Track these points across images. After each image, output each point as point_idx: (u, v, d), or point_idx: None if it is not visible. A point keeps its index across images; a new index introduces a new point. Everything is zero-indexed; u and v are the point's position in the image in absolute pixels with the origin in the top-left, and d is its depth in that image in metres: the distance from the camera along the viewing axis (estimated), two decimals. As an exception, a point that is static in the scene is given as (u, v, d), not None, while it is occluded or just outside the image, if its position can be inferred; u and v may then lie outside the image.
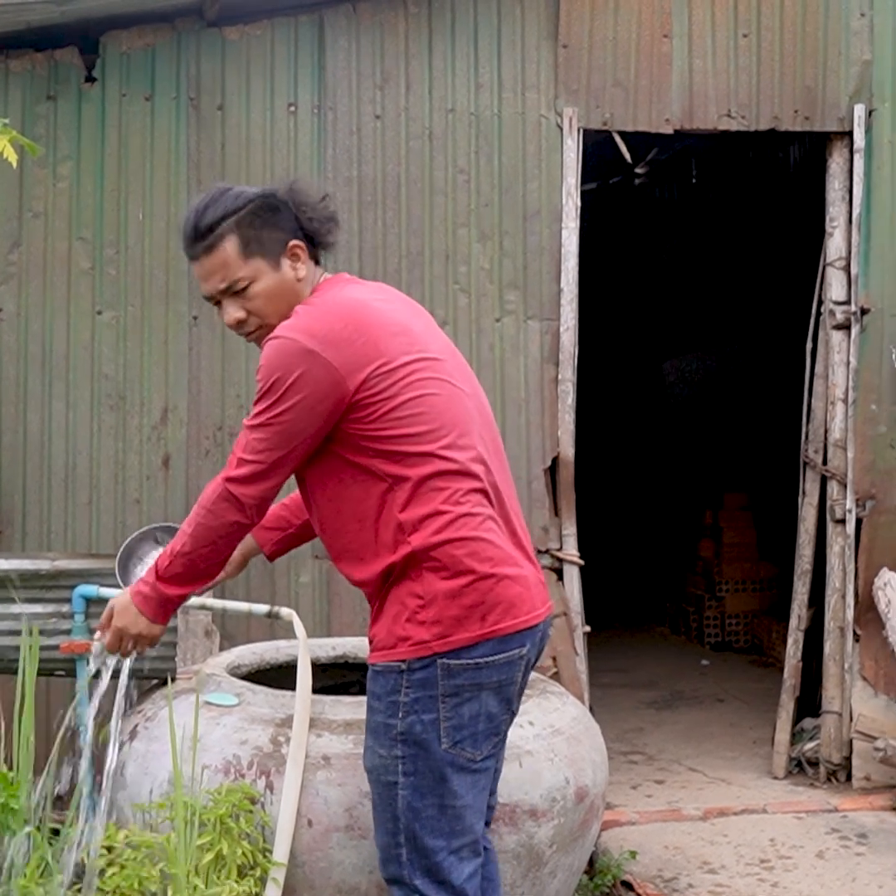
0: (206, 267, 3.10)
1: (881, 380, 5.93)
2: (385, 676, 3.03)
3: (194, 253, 3.11)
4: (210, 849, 3.37)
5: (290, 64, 5.55)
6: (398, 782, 3.03)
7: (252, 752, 3.58)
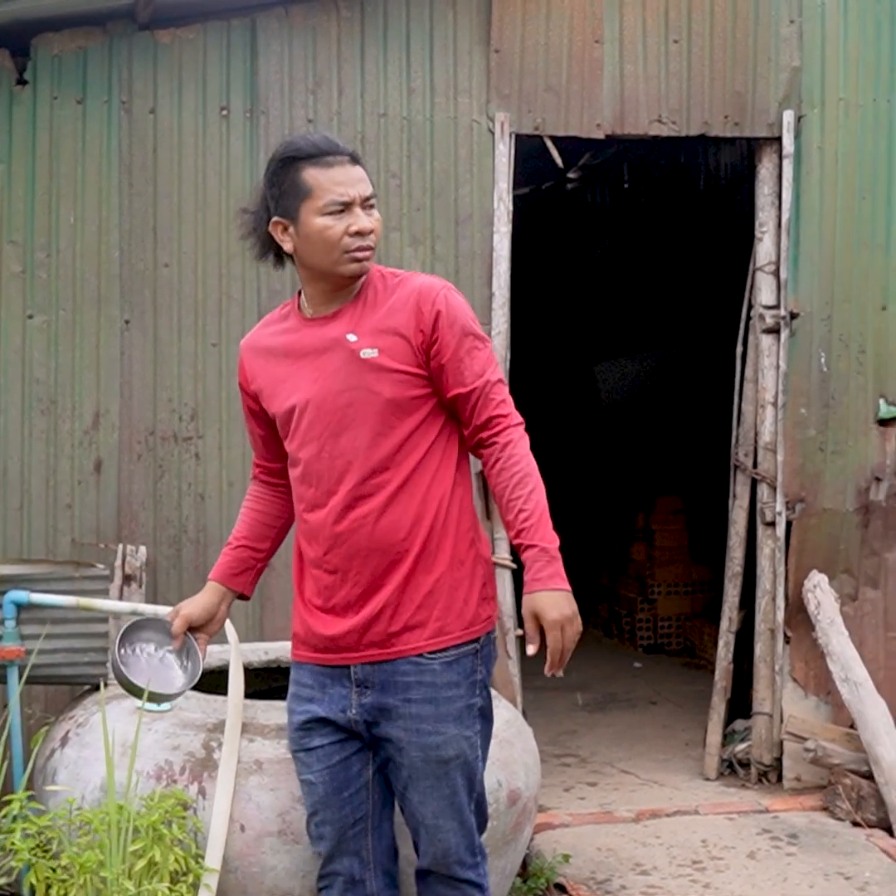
0: (353, 174, 3.18)
1: (810, 383, 5.99)
2: (461, 662, 3.20)
3: (338, 155, 3.19)
4: (143, 855, 3.36)
5: (222, 68, 5.52)
6: (478, 756, 3.27)
7: (184, 757, 3.57)
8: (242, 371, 3.44)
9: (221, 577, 3.55)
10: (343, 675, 3.23)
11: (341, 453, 3.18)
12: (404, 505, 3.17)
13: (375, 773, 3.28)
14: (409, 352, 3.17)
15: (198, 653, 3.51)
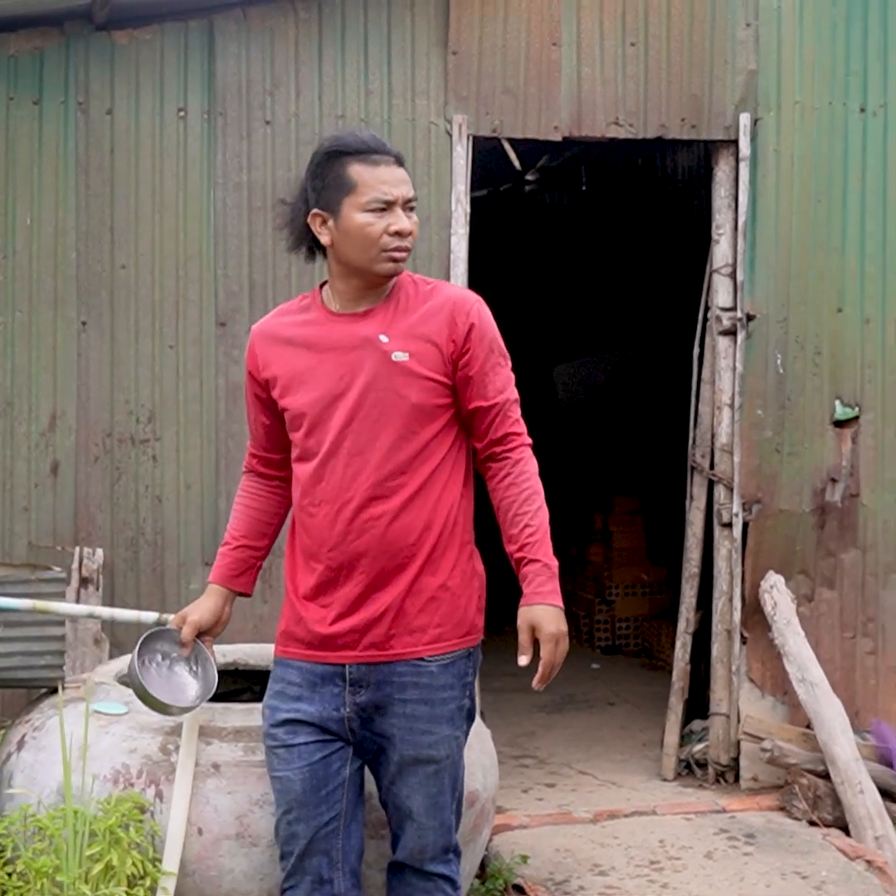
0: (398, 175, 3.24)
1: (767, 385, 6.02)
2: (456, 664, 3.27)
3: (385, 154, 3.25)
4: (99, 859, 3.34)
5: (179, 69, 5.51)
6: (462, 755, 3.34)
7: (141, 760, 3.56)
8: (253, 358, 3.41)
9: (223, 580, 3.55)
10: (336, 675, 3.24)
11: (360, 452, 3.20)
12: (417, 510, 3.21)
13: (353, 772, 3.30)
14: (438, 360, 3.22)
15: (209, 657, 3.55)
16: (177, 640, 3.52)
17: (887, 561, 6.11)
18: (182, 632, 3.50)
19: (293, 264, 5.57)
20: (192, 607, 3.55)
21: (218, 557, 3.57)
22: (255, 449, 3.54)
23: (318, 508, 3.25)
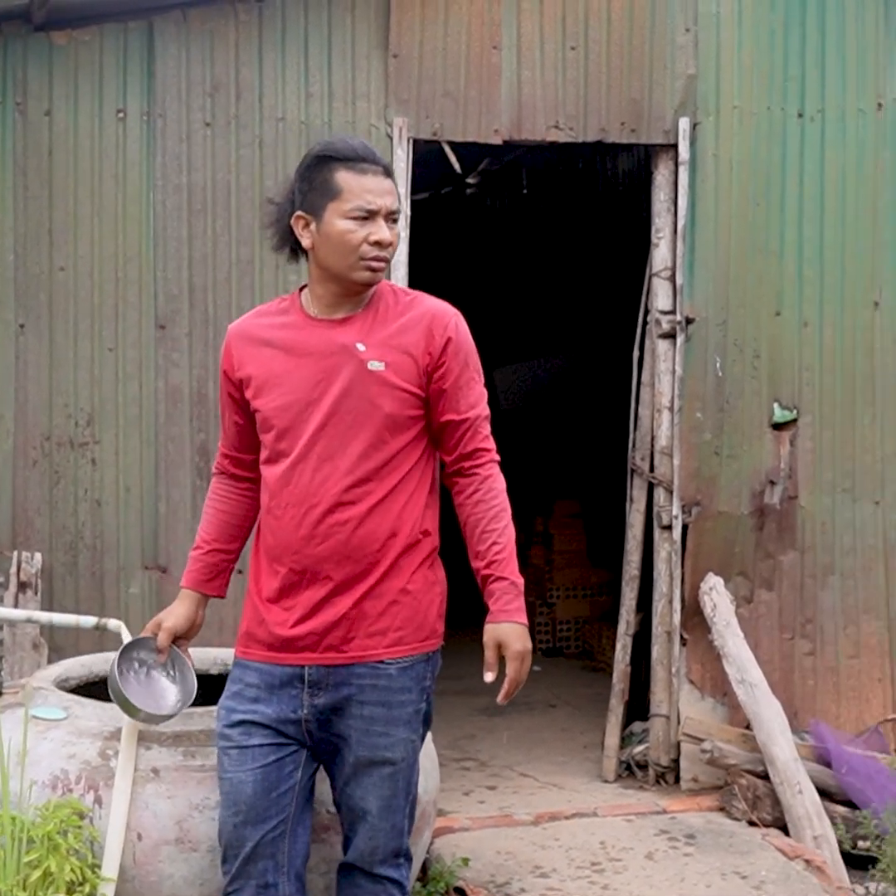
0: (384, 185, 3.26)
1: (706, 388, 6.05)
2: (415, 668, 3.28)
3: (373, 164, 3.26)
4: (38, 866, 3.31)
5: (118, 70, 5.48)
6: (417, 759, 3.37)
7: (80, 766, 3.53)
8: (229, 357, 3.41)
9: (196, 585, 3.55)
10: (294, 677, 3.25)
11: (330, 457, 3.22)
12: (382, 517, 3.23)
13: (304, 776, 3.30)
14: (413, 371, 3.25)
15: (186, 661, 3.56)
16: (152, 647, 3.53)
17: (825, 562, 6.16)
18: (158, 638, 3.51)
19: (233, 267, 5.56)
20: (166, 613, 3.55)
21: (189, 562, 3.57)
22: (226, 449, 3.54)
23: (285, 511, 3.26)
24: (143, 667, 3.52)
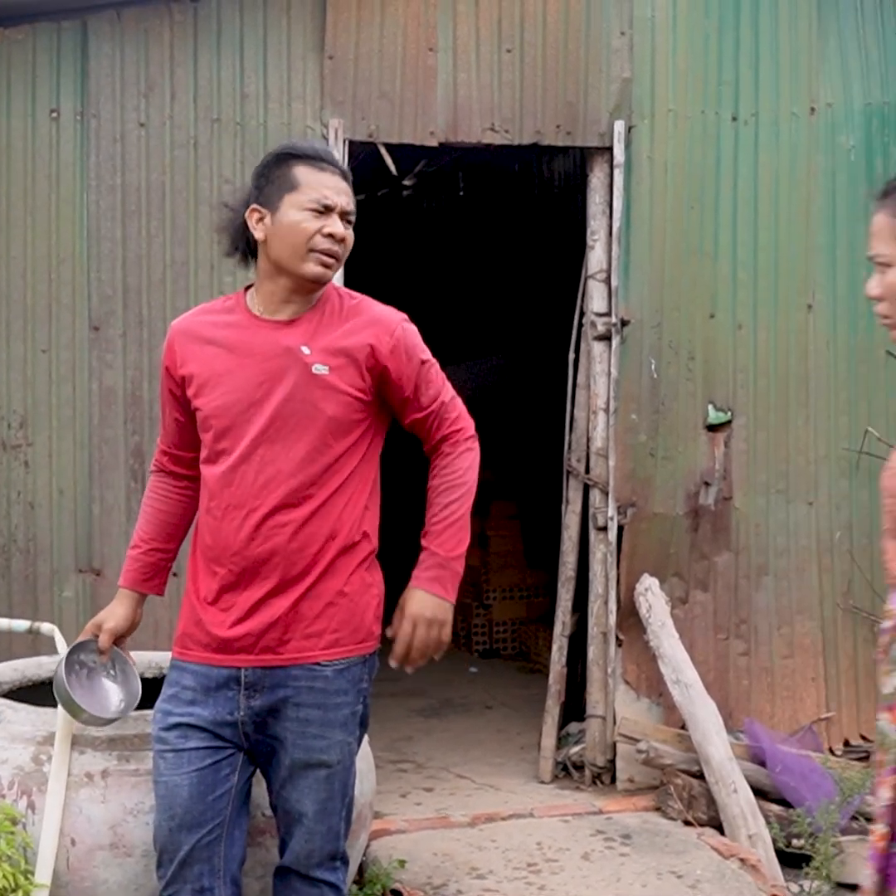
0: (341, 185, 3.31)
1: (641, 390, 6.08)
2: (351, 670, 3.27)
3: (332, 165, 3.31)
4: (-32, 873, 3.28)
5: (52, 69, 5.43)
6: (354, 761, 3.35)
7: (13, 771, 3.50)
8: (171, 353, 3.38)
9: (135, 584, 3.54)
10: (231, 679, 3.24)
11: (273, 460, 3.21)
12: (322, 520, 3.23)
13: (241, 780, 3.29)
14: (358, 376, 3.26)
15: (127, 661, 3.57)
16: (93, 650, 3.52)
17: (759, 563, 6.21)
18: (100, 640, 3.51)
19: (168, 268, 5.52)
20: (106, 615, 3.53)
21: (127, 561, 3.56)
22: (165, 446, 3.53)
23: (225, 512, 3.25)
24: (84, 669, 3.49)
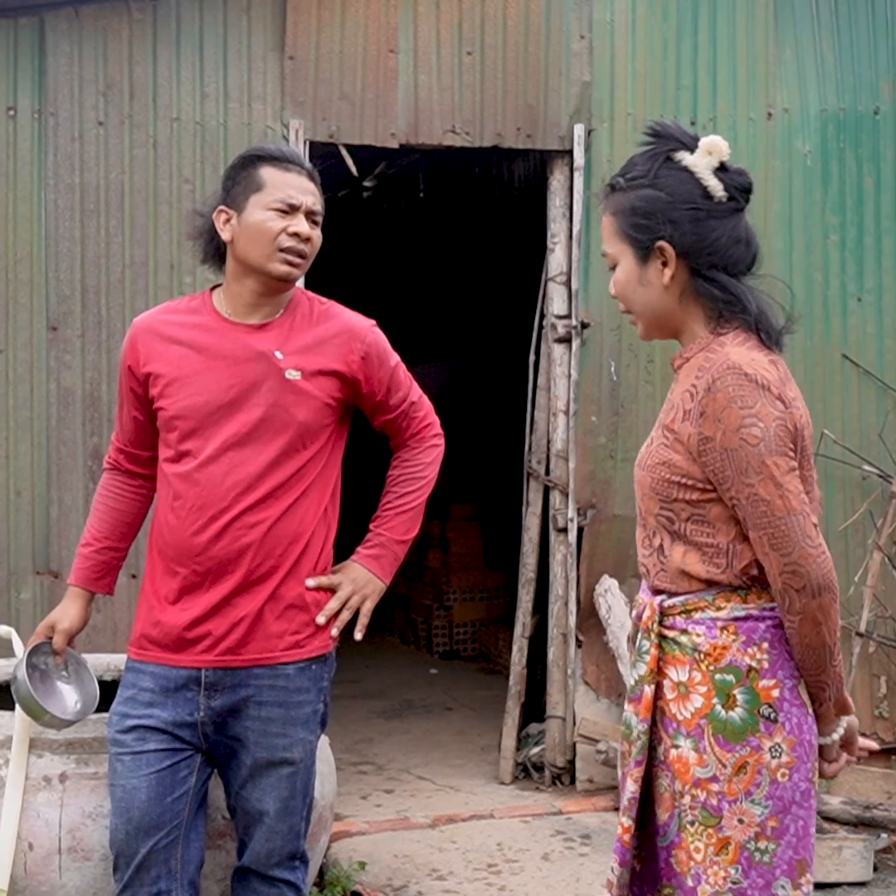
0: (307, 185, 3.32)
1: (601, 392, 6.10)
2: (312, 668, 3.29)
3: (298, 166, 3.34)
4: (-75, 877, 3.26)
5: (9, 67, 5.40)
6: (314, 761, 3.36)
7: (-30, 775, 3.47)
8: (134, 351, 3.35)
9: (86, 583, 3.52)
10: (191, 679, 3.23)
11: (241, 463, 3.21)
12: (287, 523, 3.24)
13: (198, 782, 3.27)
14: (328, 382, 3.29)
15: (80, 661, 3.56)
16: (47, 651, 3.50)
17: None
18: (54, 641, 3.48)
19: (127, 268, 5.50)
20: (59, 615, 3.50)
21: (78, 559, 3.53)
22: (121, 444, 3.50)
23: (189, 512, 3.24)
24: (37, 672, 3.47)
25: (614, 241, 2.68)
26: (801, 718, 2.54)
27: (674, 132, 2.63)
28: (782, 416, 2.48)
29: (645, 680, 2.60)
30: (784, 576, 2.46)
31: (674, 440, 2.57)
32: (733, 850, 2.51)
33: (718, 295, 2.60)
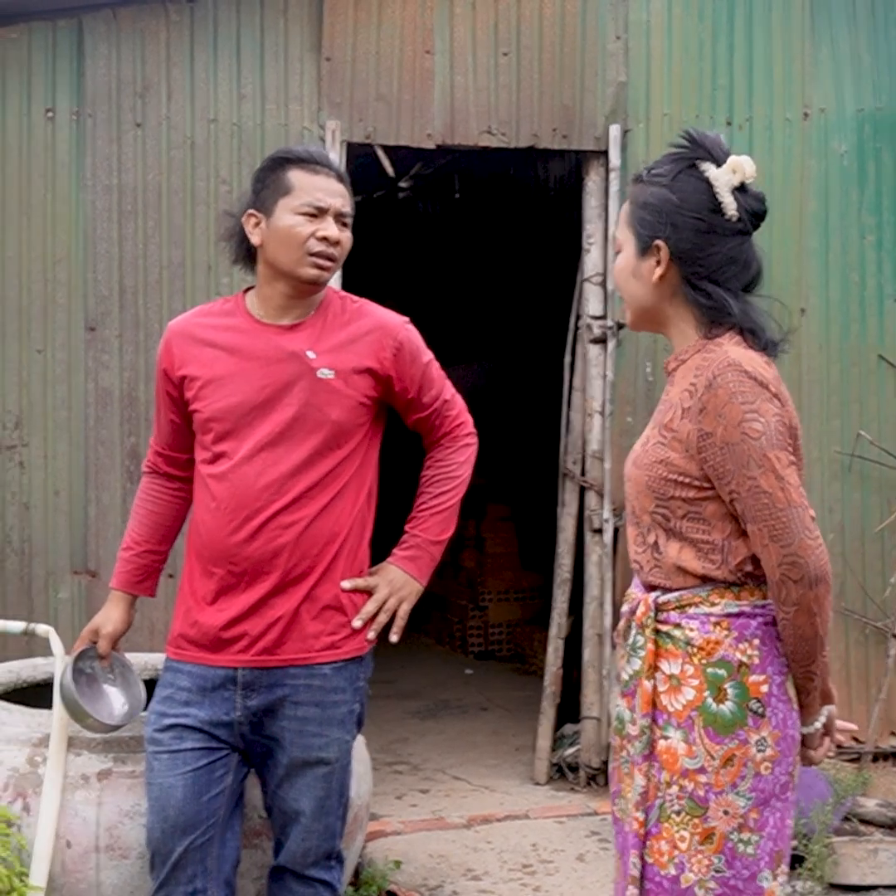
0: (335, 187, 3.31)
1: (636, 392, 6.09)
2: (349, 668, 3.29)
3: (326, 167, 3.32)
4: (-36, 874, 3.28)
5: (47, 69, 5.43)
6: (350, 760, 3.37)
7: (8, 773, 3.50)
8: (168, 355, 3.38)
9: (128, 586, 3.55)
10: (227, 679, 3.25)
11: (275, 463, 3.23)
12: (323, 522, 3.25)
13: (235, 781, 3.30)
14: (362, 381, 3.30)
15: (125, 663, 3.60)
16: (92, 656, 3.53)
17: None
18: (99, 646, 3.52)
19: (164, 269, 5.53)
20: (102, 619, 3.54)
21: (119, 563, 3.56)
22: (160, 447, 3.53)
23: (224, 514, 3.25)
24: (83, 676, 3.50)
25: (624, 227, 2.78)
26: (786, 714, 2.61)
27: (707, 143, 2.71)
28: (780, 413, 2.55)
29: (642, 675, 2.65)
30: (783, 567, 2.51)
31: (672, 439, 2.62)
32: (717, 840, 2.57)
33: (704, 302, 2.68)
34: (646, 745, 2.63)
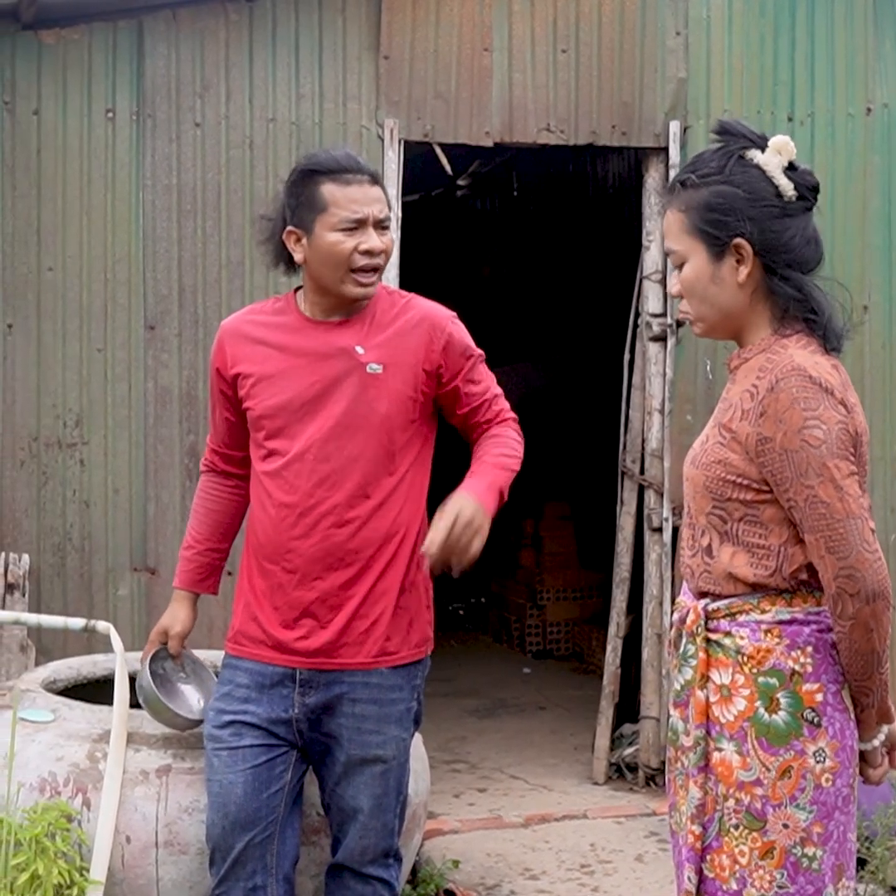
0: (370, 194, 3.28)
1: (696, 391, 6.05)
2: (406, 667, 3.30)
3: (357, 173, 3.28)
4: (25, 869, 3.30)
5: (108, 69, 5.46)
6: (407, 758, 3.39)
7: (69, 768, 3.52)
8: (222, 354, 3.41)
9: (192, 585, 3.58)
10: (286, 676, 3.27)
11: (327, 459, 3.23)
12: (378, 522, 3.25)
13: (294, 777, 3.31)
14: (411, 375, 3.29)
15: (196, 660, 3.66)
16: (163, 657, 3.57)
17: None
18: (170, 646, 3.56)
19: (223, 268, 5.54)
20: (169, 620, 3.57)
21: (181, 562, 3.59)
22: (216, 445, 3.55)
23: (279, 510, 3.27)
24: (156, 677, 3.52)
25: (683, 237, 2.64)
26: (843, 723, 2.54)
27: (743, 131, 2.64)
28: (844, 420, 2.47)
29: (694, 684, 2.60)
30: (839, 580, 2.44)
31: (731, 439, 2.56)
32: (778, 855, 2.51)
33: (792, 294, 2.58)
34: (700, 756, 2.58)
